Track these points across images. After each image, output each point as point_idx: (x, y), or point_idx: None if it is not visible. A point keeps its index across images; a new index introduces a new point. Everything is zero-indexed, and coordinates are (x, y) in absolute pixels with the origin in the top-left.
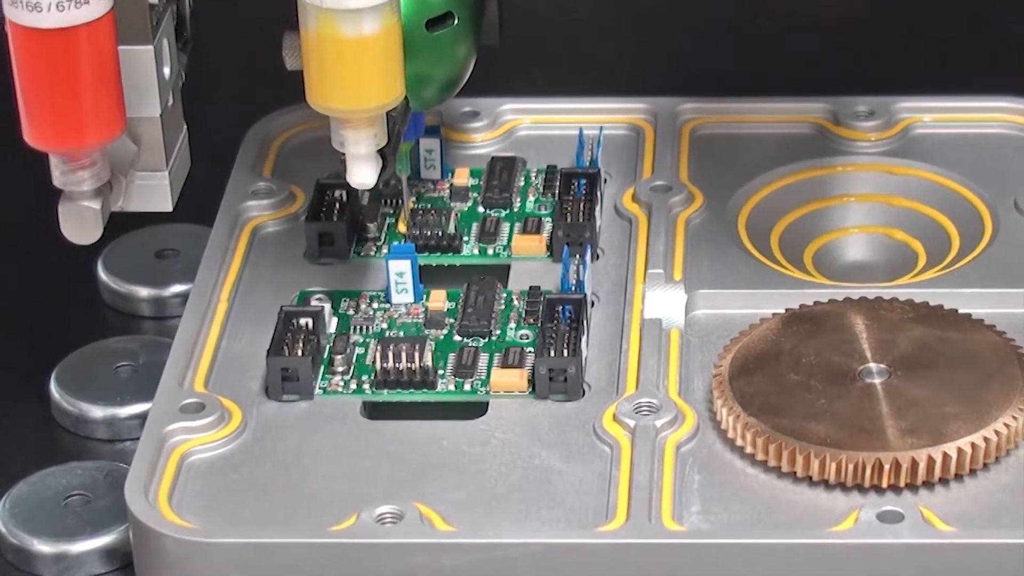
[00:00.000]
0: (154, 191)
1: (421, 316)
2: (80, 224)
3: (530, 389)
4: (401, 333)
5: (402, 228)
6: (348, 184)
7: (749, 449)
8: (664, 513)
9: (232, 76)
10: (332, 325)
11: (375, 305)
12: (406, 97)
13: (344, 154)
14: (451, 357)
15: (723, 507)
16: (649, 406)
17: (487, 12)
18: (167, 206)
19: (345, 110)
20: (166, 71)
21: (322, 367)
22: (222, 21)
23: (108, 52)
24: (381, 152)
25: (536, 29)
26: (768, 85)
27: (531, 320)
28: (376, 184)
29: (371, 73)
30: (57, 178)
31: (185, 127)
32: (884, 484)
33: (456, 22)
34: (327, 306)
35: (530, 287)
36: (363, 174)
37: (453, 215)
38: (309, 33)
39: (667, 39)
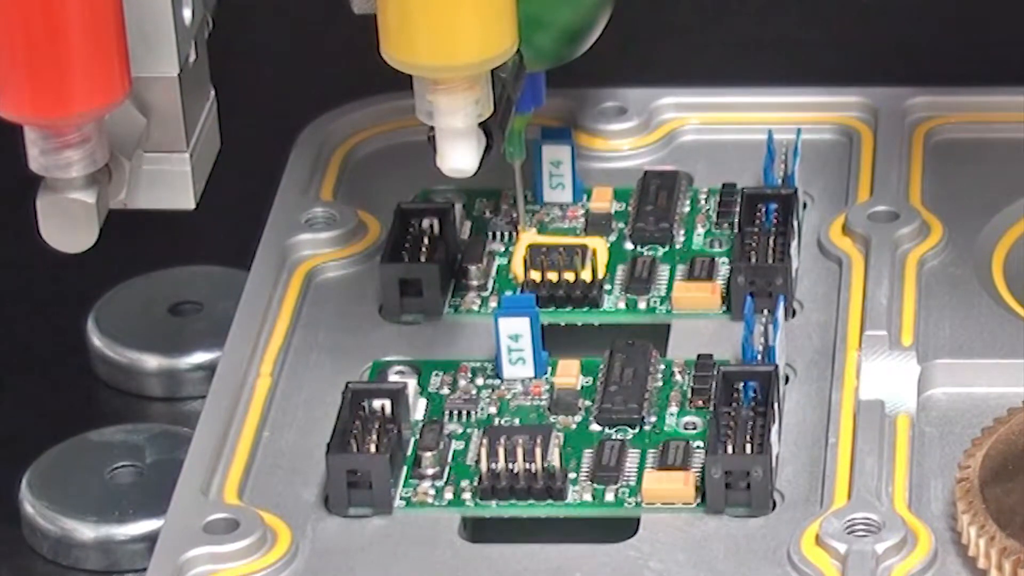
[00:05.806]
0: (170, 180)
1: (545, 397)
2: (66, 224)
3: (699, 500)
4: (517, 421)
5: (518, 267)
6: (441, 210)
7: None
8: None
9: (273, 60)
10: (419, 410)
11: (480, 381)
12: (519, 51)
13: (433, 129)
14: (587, 455)
15: None
16: (867, 524)
17: None
18: (188, 202)
19: (435, 67)
20: (186, 14)
21: (405, 469)
22: None
23: None
24: (484, 127)
25: None
26: None
27: (700, 403)
28: (478, 170)
29: (471, 16)
30: (35, 159)
31: (212, 92)
32: None
33: None
34: (412, 382)
35: (698, 356)
36: (459, 156)
37: (590, 253)
38: None
39: (890, 5)
